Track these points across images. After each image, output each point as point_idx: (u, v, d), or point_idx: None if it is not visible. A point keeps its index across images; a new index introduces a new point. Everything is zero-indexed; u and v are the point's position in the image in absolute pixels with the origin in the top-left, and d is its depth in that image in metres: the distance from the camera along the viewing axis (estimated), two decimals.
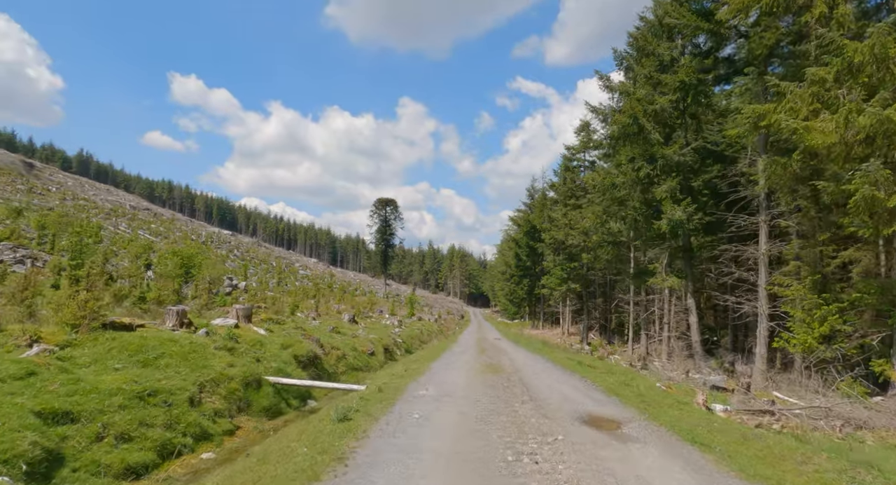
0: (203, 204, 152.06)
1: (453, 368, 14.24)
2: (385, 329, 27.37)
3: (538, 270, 53.26)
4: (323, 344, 16.04)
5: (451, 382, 11.13)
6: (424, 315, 58.30)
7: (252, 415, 9.43)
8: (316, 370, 13.37)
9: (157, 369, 8.57)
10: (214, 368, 9.50)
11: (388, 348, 21.94)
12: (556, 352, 24.66)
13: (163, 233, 72.60)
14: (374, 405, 8.32)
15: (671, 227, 19.19)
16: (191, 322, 11.68)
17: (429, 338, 36.17)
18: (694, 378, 17.13)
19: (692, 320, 20.95)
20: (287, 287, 51.45)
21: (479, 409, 8.18)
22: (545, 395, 9.74)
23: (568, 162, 38.36)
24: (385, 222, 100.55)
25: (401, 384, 10.55)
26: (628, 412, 8.56)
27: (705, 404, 10.96)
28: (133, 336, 9.34)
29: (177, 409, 7.75)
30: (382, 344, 21.41)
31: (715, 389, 14.27)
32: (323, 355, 15.06)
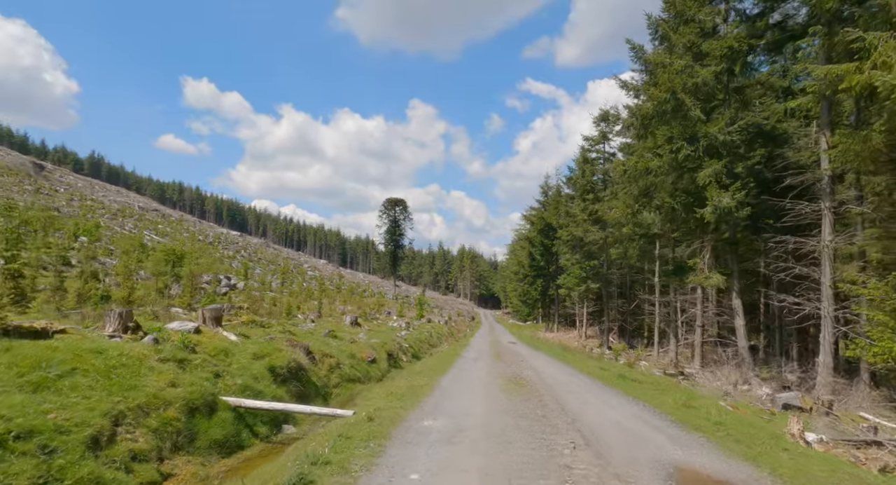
0: (213, 206, 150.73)
1: (467, 382, 11.60)
2: (391, 332, 24.80)
3: (552, 269, 50.43)
4: (313, 351, 13.48)
5: (466, 406, 8.49)
6: (434, 317, 55.70)
7: (196, 453, 6.85)
8: (299, 385, 10.80)
9: (57, 394, 6.03)
10: (146, 389, 6.95)
11: (393, 354, 19.36)
12: (580, 358, 21.93)
13: (169, 233, 70.89)
14: (357, 450, 5.70)
15: (717, 216, 16.40)
16: (137, 326, 9.17)
17: (438, 341, 33.55)
18: (756, 394, 14.33)
19: (738, 324, 18.11)
20: (292, 288, 49.19)
21: (510, 460, 5.51)
22: (599, 430, 7.05)
23: (586, 154, 35.59)
24: (394, 223, 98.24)
25: (399, 411, 7.91)
26: (731, 462, 5.86)
27: (801, 436, 8.23)
28: (37, 347, 6.82)
29: (65, 456, 5.19)
30: (386, 350, 18.83)
31: (787, 408, 11.53)
32: (311, 366, 12.50)
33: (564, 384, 11.51)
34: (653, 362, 29.01)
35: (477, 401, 8.90)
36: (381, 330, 24.99)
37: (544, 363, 17.42)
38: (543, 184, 53.91)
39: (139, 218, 78.70)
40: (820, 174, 15.54)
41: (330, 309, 34.17)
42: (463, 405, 8.48)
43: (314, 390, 11.60)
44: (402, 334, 26.69)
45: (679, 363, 26.45)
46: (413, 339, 26.30)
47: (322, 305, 34.12)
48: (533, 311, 64.63)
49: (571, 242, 35.61)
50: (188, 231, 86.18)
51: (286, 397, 9.76)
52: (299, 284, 55.33)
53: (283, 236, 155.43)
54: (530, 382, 11.62)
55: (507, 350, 23.79)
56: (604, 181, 35.12)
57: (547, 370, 14.77)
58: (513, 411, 8.10)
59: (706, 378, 20.99)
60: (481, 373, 13.71)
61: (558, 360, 19.59)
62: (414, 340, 26.10)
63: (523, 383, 11.21)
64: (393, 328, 29.98)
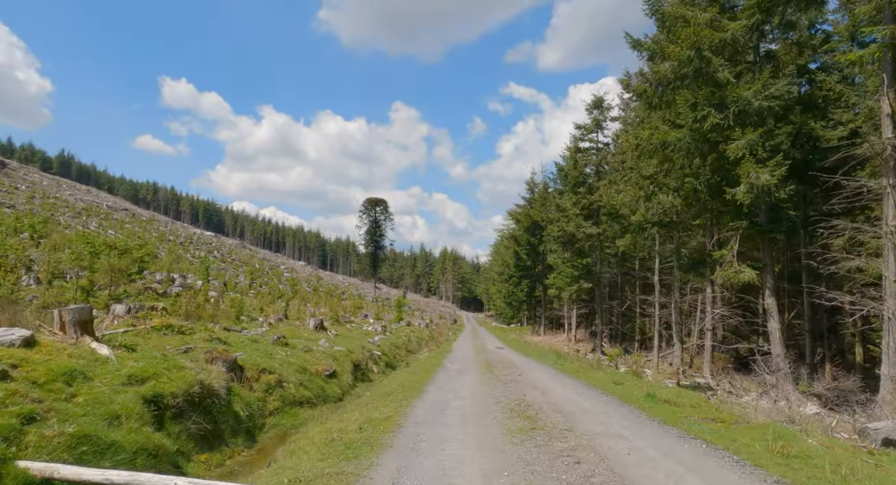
0: (189, 206, 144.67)
1: (451, 414, 8.10)
2: (362, 338, 21.21)
3: (539, 269, 47.31)
4: (244, 366, 9.88)
5: (452, 476, 5.02)
6: (415, 320, 52.07)
7: None
8: (206, 421, 7.20)
9: None
10: None
11: (361, 365, 15.80)
12: (581, 368, 18.63)
13: (137, 233, 66.40)
14: None
15: (753, 196, 13.27)
16: None
17: (418, 347, 30.01)
18: (804, 414, 11.12)
19: (772, 327, 14.99)
20: (261, 289, 45.23)
21: None
22: None
23: (578, 142, 32.50)
24: (375, 223, 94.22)
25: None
26: None
27: None
28: None
29: None
30: (352, 360, 15.26)
31: (889, 444, 8.39)
32: (237, 387, 8.91)
33: (591, 416, 8.07)
34: (657, 370, 25.90)
35: (470, 461, 5.42)
36: (351, 335, 21.37)
37: (546, 377, 14.03)
38: (529, 180, 50.90)
39: (105, 217, 74.02)
40: (881, 144, 12.52)
41: (298, 311, 30.40)
42: (446, 472, 5.00)
43: (233, 425, 8.00)
44: (376, 340, 23.11)
45: (686, 372, 23.34)
46: (389, 345, 22.73)
47: (289, 307, 30.36)
48: (518, 313, 61.45)
49: (562, 238, 32.45)
50: (158, 231, 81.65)
51: (171, 443, 6.16)
52: (273, 285, 51.33)
53: (262, 238, 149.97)
54: (542, 412, 8.17)
55: (497, 358, 20.43)
56: (597, 172, 32.07)
57: (554, 389, 11.35)
58: None
59: (728, 391, 17.85)
60: (470, 395, 10.24)
61: (559, 371, 16.24)
62: (389, 346, 22.52)
63: (533, 417, 7.75)
64: (367, 333, 26.39)
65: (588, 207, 32.47)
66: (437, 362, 17.37)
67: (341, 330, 22.87)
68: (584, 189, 32.36)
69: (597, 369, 18.30)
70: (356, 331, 25.75)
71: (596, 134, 32.33)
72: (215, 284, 34.78)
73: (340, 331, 22.18)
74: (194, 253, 66.65)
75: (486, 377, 13.31)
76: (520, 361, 19.38)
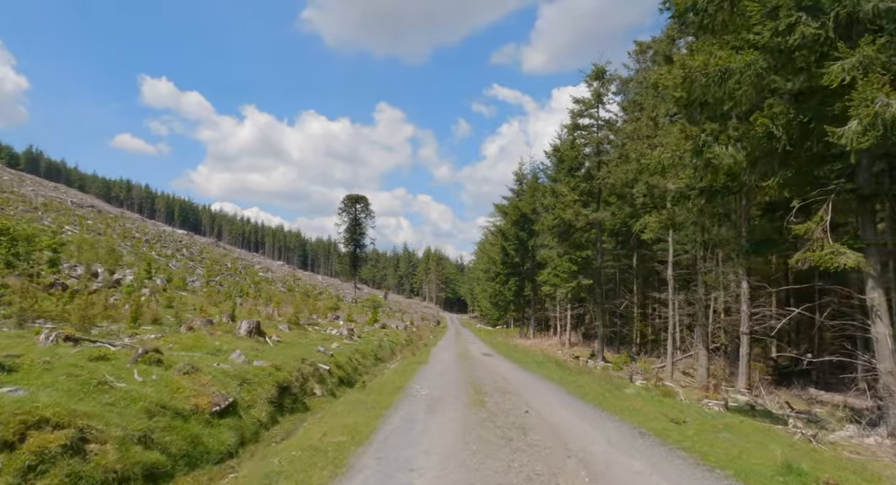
0: (164, 205, 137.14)
1: None
2: (314, 345, 16.08)
3: (528, 267, 42.55)
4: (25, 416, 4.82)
5: None
6: (393, 322, 46.89)
7: None
8: None
9: None
10: None
11: (292, 388, 10.70)
12: (593, 383, 13.79)
13: (99, 229, 60.35)
14: None
15: (876, 136, 8.56)
16: None
17: (391, 354, 24.94)
18: None
19: (879, 332, 10.30)
20: (221, 287, 39.75)
21: None
22: None
23: (577, 119, 27.78)
24: (355, 221, 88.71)
25: None
26: None
27: None
28: None
29: None
30: (277, 381, 10.15)
31: None
32: None
33: None
34: (672, 379, 21.17)
35: None
36: (299, 343, 16.22)
37: (565, 411, 9.07)
38: (517, 171, 46.18)
39: (65, 213, 67.70)
40: None
41: (250, 312, 25.19)
42: None
43: None
44: (335, 347, 17.99)
45: (717, 384, 18.62)
46: (349, 354, 17.62)
47: (237, 306, 25.06)
48: (504, 314, 56.61)
49: (558, 228, 27.66)
50: (123, 227, 75.49)
51: None
52: (233, 283, 45.83)
53: (241, 237, 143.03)
54: None
55: (486, 372, 15.47)
56: (598, 152, 27.37)
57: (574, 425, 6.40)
58: None
59: (795, 414, 13.13)
60: (458, 461, 5.30)
61: (574, 395, 11.34)
62: (349, 356, 17.41)
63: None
64: (327, 338, 21.26)
65: (587, 192, 27.80)
66: (405, 380, 12.34)
67: (290, 336, 17.70)
68: (584, 173, 27.71)
69: (619, 389, 13.43)
70: (313, 336, 20.59)
71: (596, 109, 27.69)
72: (157, 281, 29.30)
73: (288, 337, 16.99)
74: (159, 251, 60.98)
75: (473, 414, 8.34)
76: (517, 376, 14.42)
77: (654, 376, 20.53)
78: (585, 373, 18.13)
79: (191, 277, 41.02)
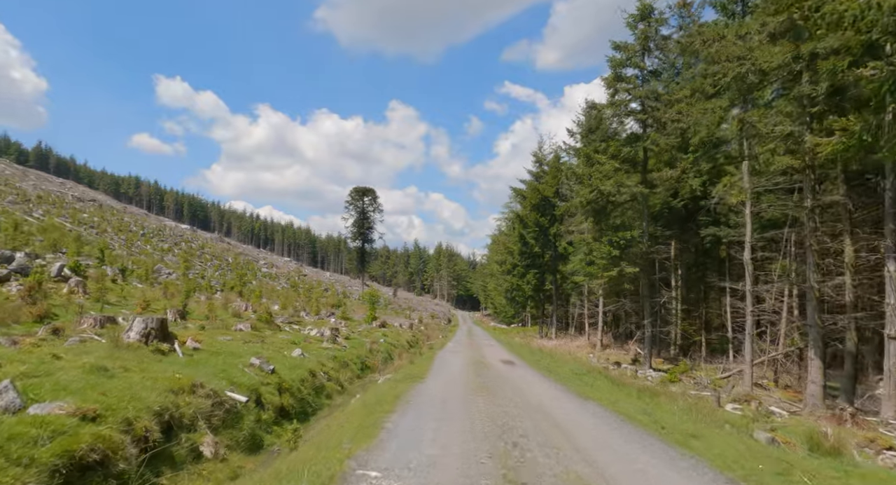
0: (173, 201, 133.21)
1: None
2: (253, 354, 10.55)
3: (549, 258, 36.67)
4: None
5: None
6: (397, 320, 41.30)
7: None
8: None
9: None
10: None
11: (108, 460, 5.25)
12: (673, 411, 8.12)
13: (93, 222, 55.99)
14: None
15: None
16: None
17: (386, 360, 19.37)
18: None
19: None
20: (201, 280, 34.65)
21: None
22: None
23: (618, 69, 21.89)
24: (363, 215, 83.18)
25: None
26: None
27: None
28: None
29: None
30: (55, 452, 4.73)
31: None
32: None
33: None
34: (774, 402, 15.22)
35: None
36: (234, 352, 10.67)
37: None
38: (537, 151, 40.25)
39: (59, 205, 63.64)
40: None
41: (210, 307, 19.84)
42: None
43: None
44: (295, 356, 12.48)
45: (854, 415, 12.65)
46: (315, 367, 12.09)
47: (188, 299, 19.67)
48: (520, 312, 50.75)
49: (594, 204, 21.80)
50: (122, 221, 71.28)
51: None
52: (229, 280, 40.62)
53: (250, 234, 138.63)
54: None
55: (512, 393, 9.79)
56: (644, 109, 21.44)
57: None
58: None
59: None
60: None
61: (674, 445, 5.66)
62: (314, 369, 11.85)
63: None
64: (297, 340, 15.83)
65: (630, 159, 21.93)
66: (374, 423, 6.70)
67: (224, 343, 12.16)
68: (627, 135, 21.90)
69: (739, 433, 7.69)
70: (275, 339, 15.11)
71: (642, 56, 21.81)
72: (108, 271, 23.97)
73: (223, 344, 11.42)
74: (156, 245, 56.57)
75: None
76: (566, 410, 8.66)
77: (742, 397, 14.63)
78: (652, 393, 12.30)
79: (168, 269, 36.01)
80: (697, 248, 29.67)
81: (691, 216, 28.14)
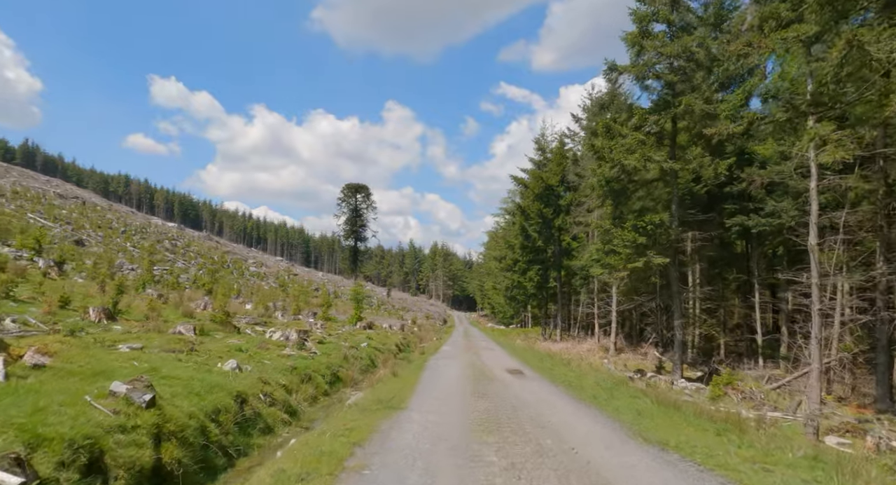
0: (163, 200, 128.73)
1: None
2: (131, 374, 6.82)
3: (552, 253, 32.98)
4: None
5: None
6: (388, 321, 37.43)
7: None
8: None
9: None
10: None
11: None
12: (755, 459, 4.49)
13: (70, 218, 51.99)
14: None
15: None
16: None
17: (366, 373, 15.58)
18: None
19: None
20: (169, 277, 30.71)
21: None
22: None
23: (643, 24, 18.24)
24: (355, 212, 79.19)
25: None
26: None
27: None
28: None
29: None
30: None
31: None
32: None
33: None
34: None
35: None
36: (104, 370, 6.87)
37: None
38: (539, 137, 36.55)
39: (35, 201, 59.59)
40: None
41: (151, 304, 15.85)
42: None
43: None
44: (227, 368, 8.72)
45: None
46: (237, 392, 8.36)
47: (120, 296, 15.85)
48: (520, 312, 46.97)
49: (615, 184, 18.09)
50: (103, 218, 67.35)
51: None
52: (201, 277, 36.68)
53: (242, 234, 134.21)
54: None
55: (531, 428, 6.13)
56: (673, 68, 17.77)
57: None
58: None
59: None
60: None
61: None
62: (218, 404, 8.13)
63: None
64: (245, 348, 12.09)
65: (657, 132, 18.27)
66: None
67: (89, 356, 8.31)
68: (655, 101, 18.25)
69: None
70: (218, 344, 11.35)
71: (671, 8, 18.17)
72: (41, 262, 20.08)
73: (82, 358, 7.53)
74: (136, 242, 52.80)
75: None
76: (627, 463, 4.93)
77: (843, 428, 10.93)
78: (725, 422, 8.59)
79: (133, 264, 32.10)
80: (723, 239, 26.10)
81: (715, 204, 24.61)
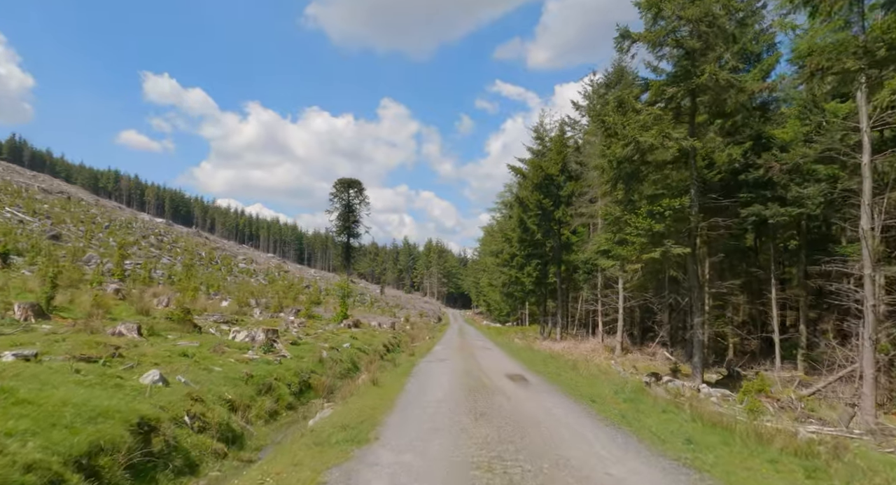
0: (154, 196, 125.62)
1: None
2: None
3: (552, 247, 30.86)
4: None
5: None
6: (378, 318, 35.23)
7: None
8: None
9: None
10: None
11: None
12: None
13: (51, 213, 49.56)
14: None
15: None
16: None
17: (345, 378, 13.37)
18: None
19: None
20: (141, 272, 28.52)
21: None
22: None
23: None
24: (348, 207, 76.67)
25: None
26: None
27: None
28: None
29: None
30: None
31: None
32: None
33: None
34: None
35: None
36: None
37: None
38: (538, 125, 34.38)
39: (17, 196, 57.33)
40: None
41: (96, 300, 13.51)
42: None
43: None
44: (146, 382, 6.49)
45: None
46: (141, 417, 6.19)
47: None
48: (517, 309, 44.84)
49: (629, 164, 15.94)
50: (87, 213, 64.85)
51: None
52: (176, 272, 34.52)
53: (234, 230, 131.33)
54: None
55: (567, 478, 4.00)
56: (692, 34, 15.64)
57: None
58: None
59: None
60: None
61: None
62: (99, 437, 5.95)
63: None
64: (190, 353, 9.79)
65: (675, 107, 16.16)
66: None
67: None
68: (673, 71, 16.11)
69: None
70: (155, 348, 9.12)
71: None
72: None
73: None
74: (120, 237, 50.38)
75: None
76: None
77: None
78: (805, 455, 6.48)
79: (104, 259, 29.70)
80: (733, 232, 24.09)
81: (729, 193, 22.59)
